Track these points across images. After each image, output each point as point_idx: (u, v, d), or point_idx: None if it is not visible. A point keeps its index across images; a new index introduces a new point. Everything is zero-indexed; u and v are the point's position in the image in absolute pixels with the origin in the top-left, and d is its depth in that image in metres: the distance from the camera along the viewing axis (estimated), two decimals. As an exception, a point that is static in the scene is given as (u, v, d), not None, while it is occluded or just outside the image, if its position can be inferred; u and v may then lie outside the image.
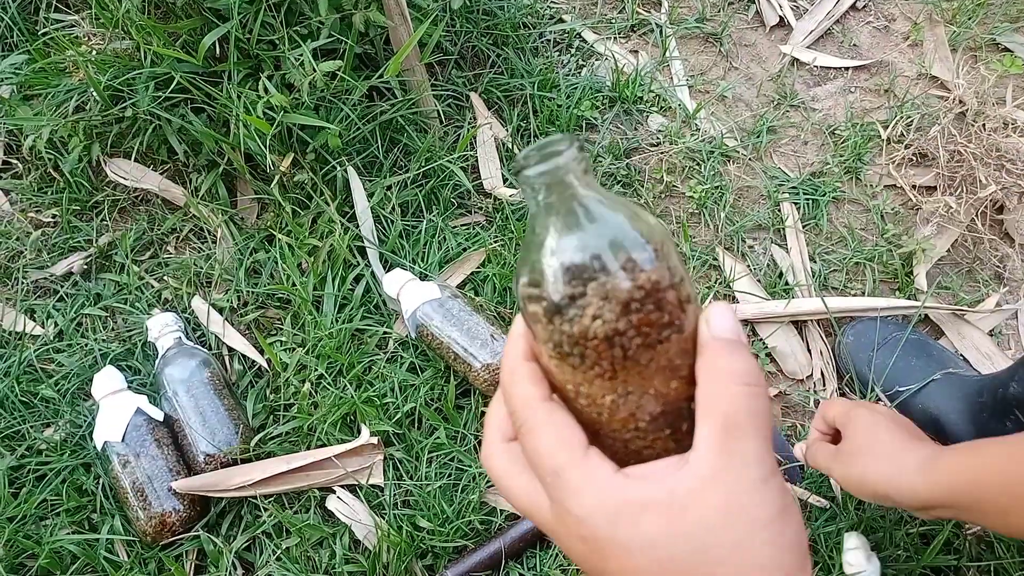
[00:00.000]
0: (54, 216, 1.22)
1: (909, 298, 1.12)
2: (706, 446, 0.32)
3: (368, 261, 1.14)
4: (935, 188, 1.22)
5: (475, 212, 1.21)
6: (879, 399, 1.00)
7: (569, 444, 0.34)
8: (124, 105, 1.14)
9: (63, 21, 1.25)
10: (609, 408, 0.34)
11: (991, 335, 1.10)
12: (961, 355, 1.08)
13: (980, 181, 1.16)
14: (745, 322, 1.11)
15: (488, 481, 0.98)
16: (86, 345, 1.10)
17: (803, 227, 1.19)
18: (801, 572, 0.32)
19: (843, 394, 1.05)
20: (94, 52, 1.17)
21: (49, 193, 1.23)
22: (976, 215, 1.17)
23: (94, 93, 1.15)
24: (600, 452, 0.34)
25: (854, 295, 1.13)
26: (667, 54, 1.39)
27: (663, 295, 0.33)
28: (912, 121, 1.27)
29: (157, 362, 1.05)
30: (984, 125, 1.23)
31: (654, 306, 0.33)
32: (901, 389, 1.00)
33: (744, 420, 0.32)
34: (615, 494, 0.32)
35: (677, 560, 0.31)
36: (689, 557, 0.31)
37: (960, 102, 1.28)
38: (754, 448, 0.32)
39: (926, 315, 1.10)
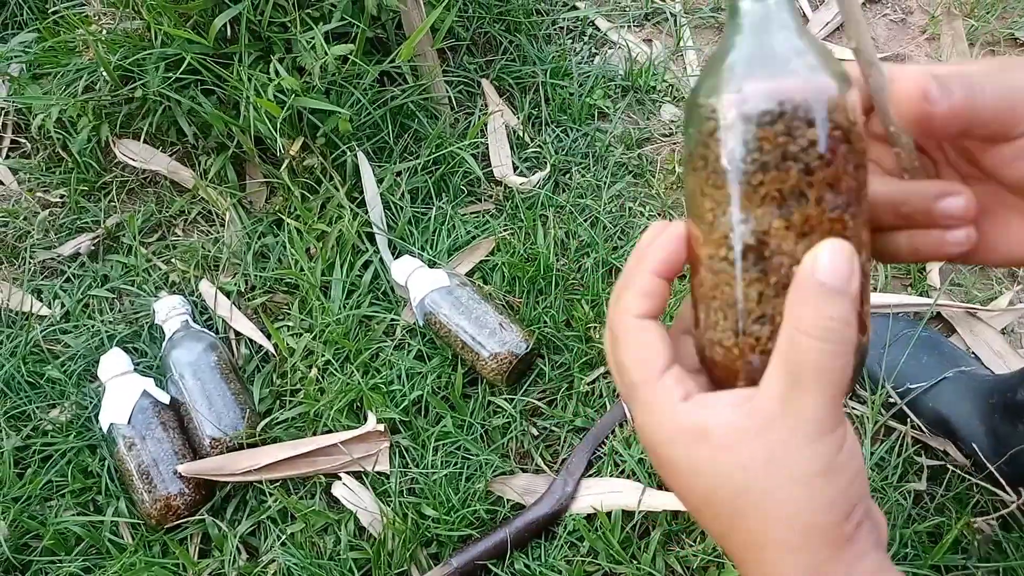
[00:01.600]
0: (62, 196, 1.21)
1: (921, 295, 1.11)
2: (768, 391, 0.33)
3: (377, 247, 1.13)
4: (950, 184, 1.20)
5: (485, 200, 1.21)
6: (889, 397, 0.99)
7: (649, 364, 0.36)
8: (134, 86, 1.13)
9: (73, 0, 1.24)
10: (776, 232, 0.35)
11: (1004, 333, 1.09)
12: (973, 353, 1.07)
13: (996, 178, 1.15)
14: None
15: (494, 470, 0.97)
16: (93, 327, 1.09)
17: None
18: (837, 529, 0.32)
19: (853, 391, 1.04)
20: (104, 31, 1.16)
21: (57, 173, 1.22)
22: (991, 212, 1.16)
23: (104, 73, 1.14)
24: (679, 374, 0.36)
25: (866, 291, 1.12)
26: (681, 43, 1.37)
27: (851, 130, 0.34)
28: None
29: (164, 345, 1.04)
30: (1001, 121, 1.21)
31: (843, 135, 0.34)
32: (912, 387, 0.99)
33: (810, 376, 0.32)
34: (677, 419, 0.35)
35: (714, 493, 0.34)
36: (724, 494, 0.33)
37: (977, 97, 1.26)
38: (813, 404, 0.32)
39: (938, 312, 1.09)
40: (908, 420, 0.99)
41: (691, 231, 0.37)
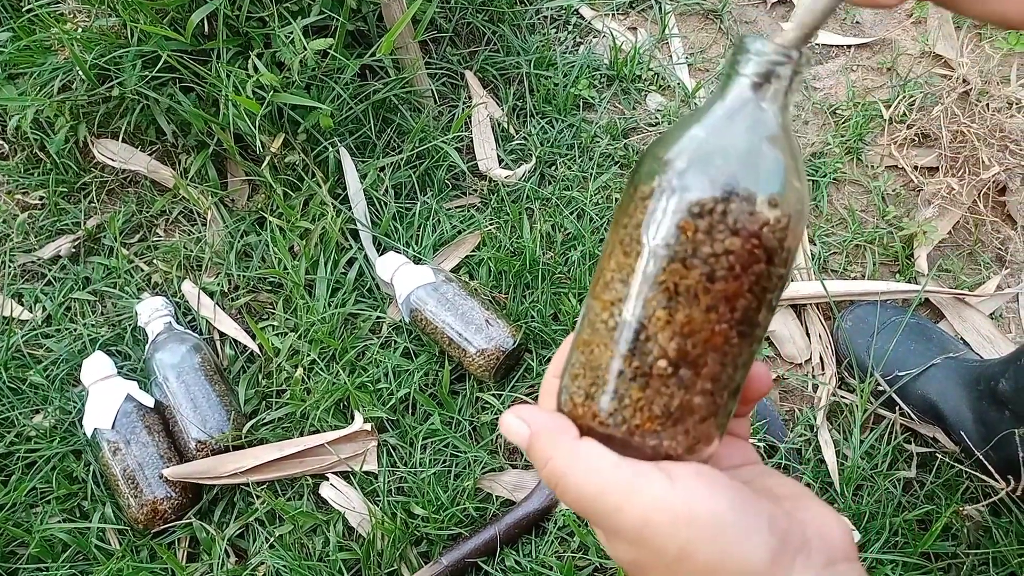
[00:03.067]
0: (41, 198, 1.20)
1: (909, 281, 1.10)
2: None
3: (361, 244, 1.12)
4: (937, 169, 1.20)
5: (470, 194, 1.19)
6: (878, 384, 0.99)
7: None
8: (111, 84, 1.11)
9: (47, -3, 1.22)
10: (655, 321, 0.33)
11: (992, 318, 1.09)
12: (961, 338, 1.07)
13: (983, 162, 1.14)
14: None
15: (483, 467, 0.97)
16: (75, 330, 1.08)
17: (803, 209, 1.18)
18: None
19: (842, 379, 1.04)
20: (80, 30, 1.14)
21: (35, 175, 1.21)
22: (978, 197, 1.15)
23: (80, 72, 1.12)
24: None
25: (854, 278, 1.12)
26: (666, 31, 1.36)
27: (777, 254, 0.33)
28: (915, 100, 1.25)
29: (147, 347, 1.03)
30: (988, 105, 1.21)
31: (766, 256, 0.33)
32: (900, 374, 0.99)
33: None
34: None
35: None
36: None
37: (964, 81, 1.26)
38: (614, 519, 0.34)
39: (926, 298, 1.09)
40: (897, 407, 0.98)
41: (595, 277, 0.36)
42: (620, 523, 0.33)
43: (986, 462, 0.89)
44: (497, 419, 1.00)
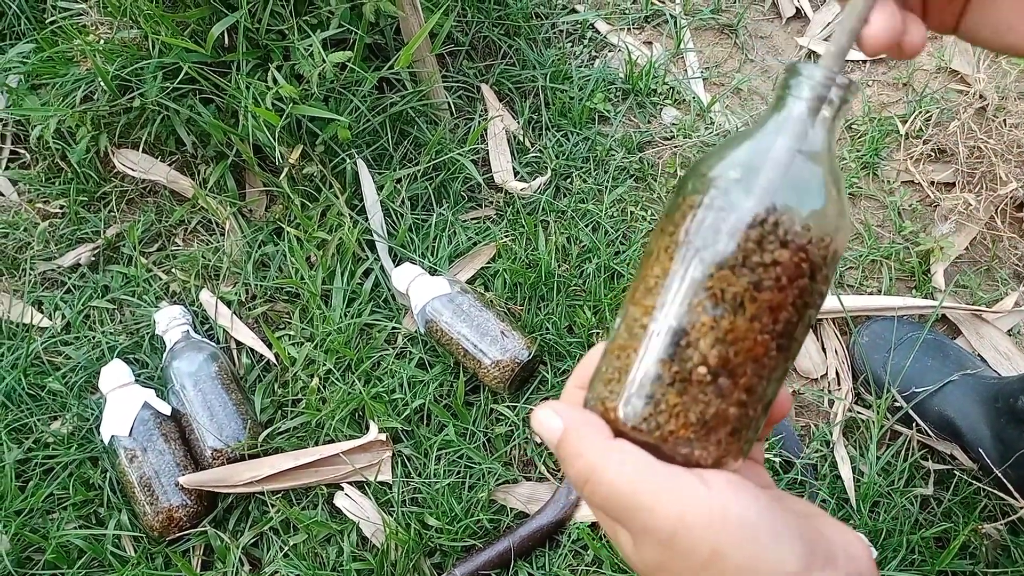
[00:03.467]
0: (62, 207, 1.21)
1: (926, 297, 1.10)
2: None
3: (377, 255, 1.12)
4: (954, 184, 1.19)
5: (485, 206, 1.20)
6: (895, 400, 0.99)
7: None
8: (132, 95, 1.13)
9: (71, 10, 1.24)
10: (699, 327, 0.34)
11: (1010, 334, 1.08)
12: (979, 355, 1.06)
13: (1000, 178, 1.14)
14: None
15: (497, 479, 0.97)
16: (94, 338, 1.09)
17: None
18: None
19: (858, 395, 1.04)
20: (102, 41, 1.16)
21: (57, 184, 1.22)
22: (995, 212, 1.15)
23: (101, 83, 1.13)
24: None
25: (870, 293, 1.12)
26: (681, 46, 1.37)
27: (820, 270, 0.34)
28: (931, 116, 1.25)
29: (165, 356, 1.04)
30: (1004, 120, 1.20)
31: (810, 270, 0.34)
32: (917, 390, 0.98)
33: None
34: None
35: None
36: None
37: (980, 96, 1.25)
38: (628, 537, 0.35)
39: (943, 314, 1.09)
40: (914, 424, 0.98)
41: (635, 283, 0.37)
42: (653, 522, 0.33)
43: (1005, 480, 0.89)
44: (511, 431, 1.00)
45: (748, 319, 0.33)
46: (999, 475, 0.89)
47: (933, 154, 1.23)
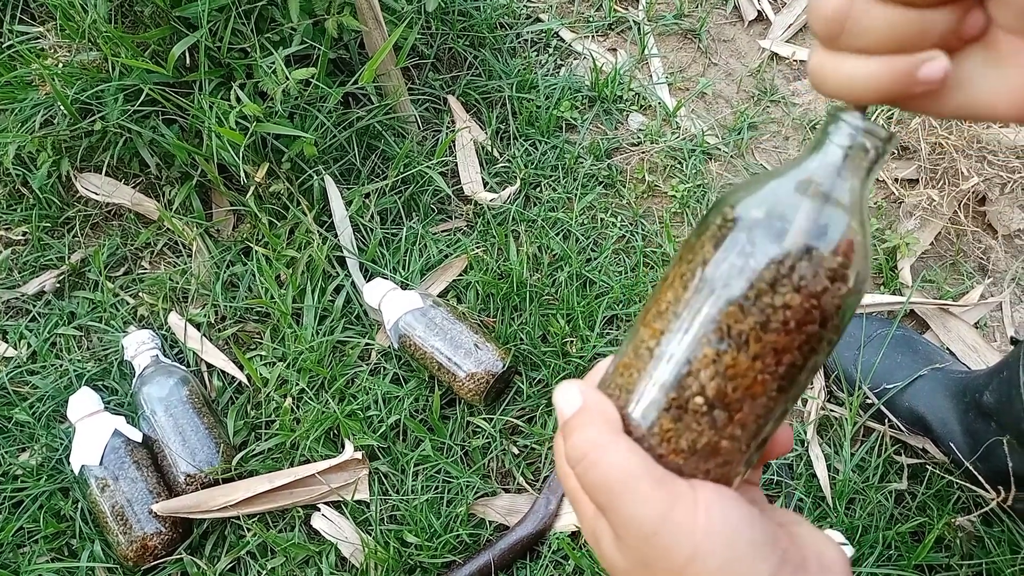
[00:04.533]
0: (24, 234, 1.19)
1: (894, 293, 1.11)
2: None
3: (348, 271, 1.12)
4: (917, 181, 1.21)
5: (456, 218, 1.20)
6: (866, 397, 1.00)
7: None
8: (93, 118, 1.11)
9: (28, 33, 1.22)
10: (702, 358, 0.35)
11: (977, 327, 1.10)
12: (948, 348, 1.07)
13: (962, 173, 1.16)
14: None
15: (476, 492, 0.96)
16: (61, 366, 1.07)
17: (786, 224, 1.18)
18: None
19: (831, 393, 1.04)
20: (61, 65, 1.14)
21: (18, 210, 1.20)
22: (959, 207, 1.17)
23: (62, 107, 1.12)
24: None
25: (839, 292, 1.12)
26: (645, 52, 1.38)
27: (832, 319, 0.34)
28: (892, 113, 1.26)
29: (134, 381, 1.02)
30: (964, 116, 1.22)
31: (821, 318, 0.34)
32: (888, 387, 0.99)
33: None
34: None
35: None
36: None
37: (940, 94, 1.27)
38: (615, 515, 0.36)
39: (911, 310, 1.10)
40: (886, 420, 0.99)
41: (648, 305, 0.38)
42: (641, 514, 0.34)
43: (975, 472, 0.90)
44: (488, 443, 1.00)
45: (751, 357, 0.34)
46: (970, 468, 0.90)
47: (896, 152, 1.24)
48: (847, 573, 0.37)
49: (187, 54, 1.08)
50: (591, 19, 1.42)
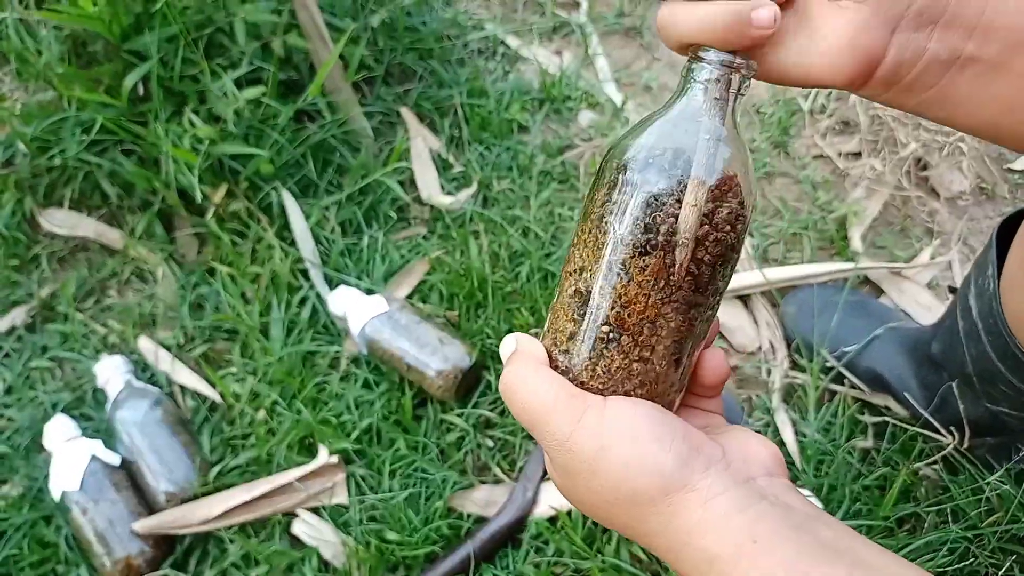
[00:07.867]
0: (-8, 273, 1.20)
1: (847, 261, 1.15)
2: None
3: (312, 283, 1.14)
4: (860, 153, 1.25)
5: (416, 224, 1.22)
6: (826, 362, 1.02)
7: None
8: (52, 154, 1.13)
9: (-17, 78, 1.25)
10: (600, 291, 0.39)
11: (929, 287, 1.13)
12: (902, 310, 1.10)
13: (900, 141, 1.20)
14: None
15: (453, 486, 0.98)
16: (35, 397, 1.08)
17: (738, 204, 1.22)
18: (664, 482, 0.37)
19: (793, 361, 1.07)
20: (19, 105, 1.16)
21: (-15, 251, 1.21)
22: (902, 174, 1.21)
23: (22, 145, 1.14)
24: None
25: (793, 264, 1.16)
26: (590, 52, 1.41)
27: (733, 232, 0.38)
28: (831, 91, 1.30)
29: (109, 407, 1.03)
30: (900, 87, 1.26)
31: (701, 244, 0.37)
32: (846, 349, 1.02)
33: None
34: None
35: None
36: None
37: (876, 68, 1.31)
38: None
39: (866, 276, 1.13)
40: (847, 381, 1.02)
41: (568, 255, 0.42)
42: (555, 424, 0.38)
43: (933, 421, 0.92)
44: (462, 437, 1.02)
45: (637, 285, 0.37)
46: (928, 418, 0.93)
47: (838, 127, 1.28)
48: (777, 468, 0.39)
49: (141, 84, 1.10)
50: (534, 25, 1.46)
